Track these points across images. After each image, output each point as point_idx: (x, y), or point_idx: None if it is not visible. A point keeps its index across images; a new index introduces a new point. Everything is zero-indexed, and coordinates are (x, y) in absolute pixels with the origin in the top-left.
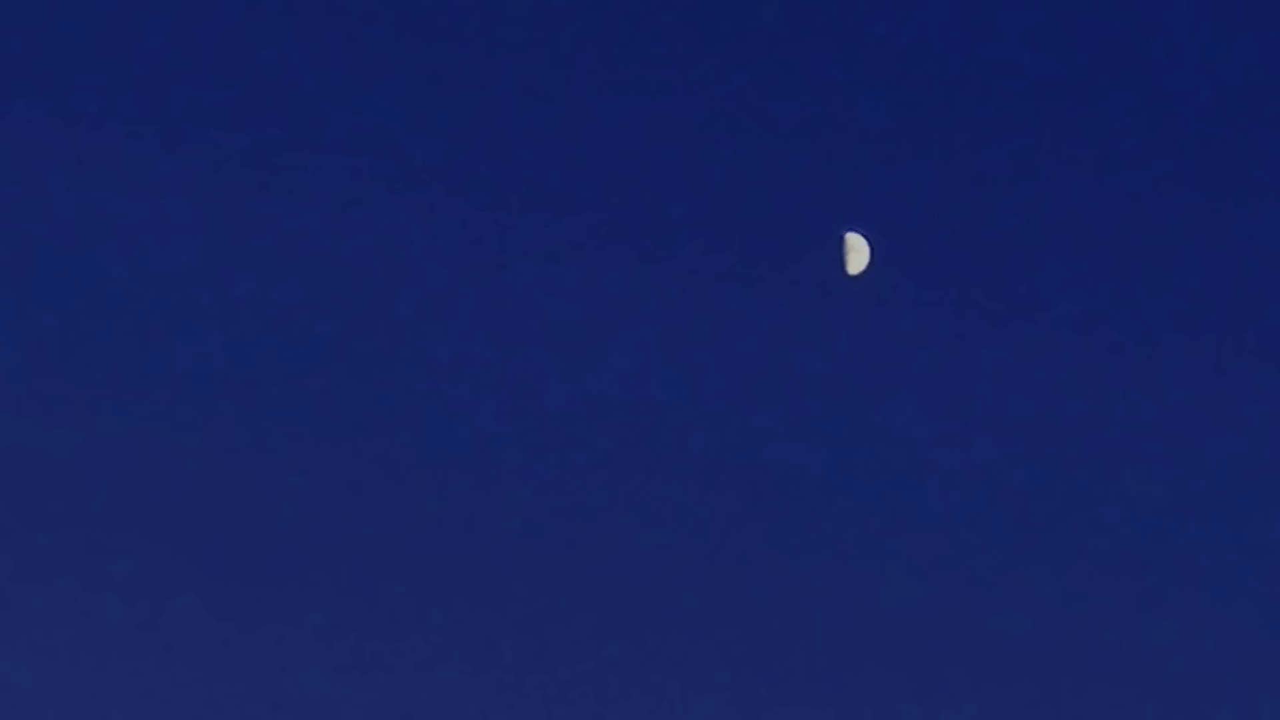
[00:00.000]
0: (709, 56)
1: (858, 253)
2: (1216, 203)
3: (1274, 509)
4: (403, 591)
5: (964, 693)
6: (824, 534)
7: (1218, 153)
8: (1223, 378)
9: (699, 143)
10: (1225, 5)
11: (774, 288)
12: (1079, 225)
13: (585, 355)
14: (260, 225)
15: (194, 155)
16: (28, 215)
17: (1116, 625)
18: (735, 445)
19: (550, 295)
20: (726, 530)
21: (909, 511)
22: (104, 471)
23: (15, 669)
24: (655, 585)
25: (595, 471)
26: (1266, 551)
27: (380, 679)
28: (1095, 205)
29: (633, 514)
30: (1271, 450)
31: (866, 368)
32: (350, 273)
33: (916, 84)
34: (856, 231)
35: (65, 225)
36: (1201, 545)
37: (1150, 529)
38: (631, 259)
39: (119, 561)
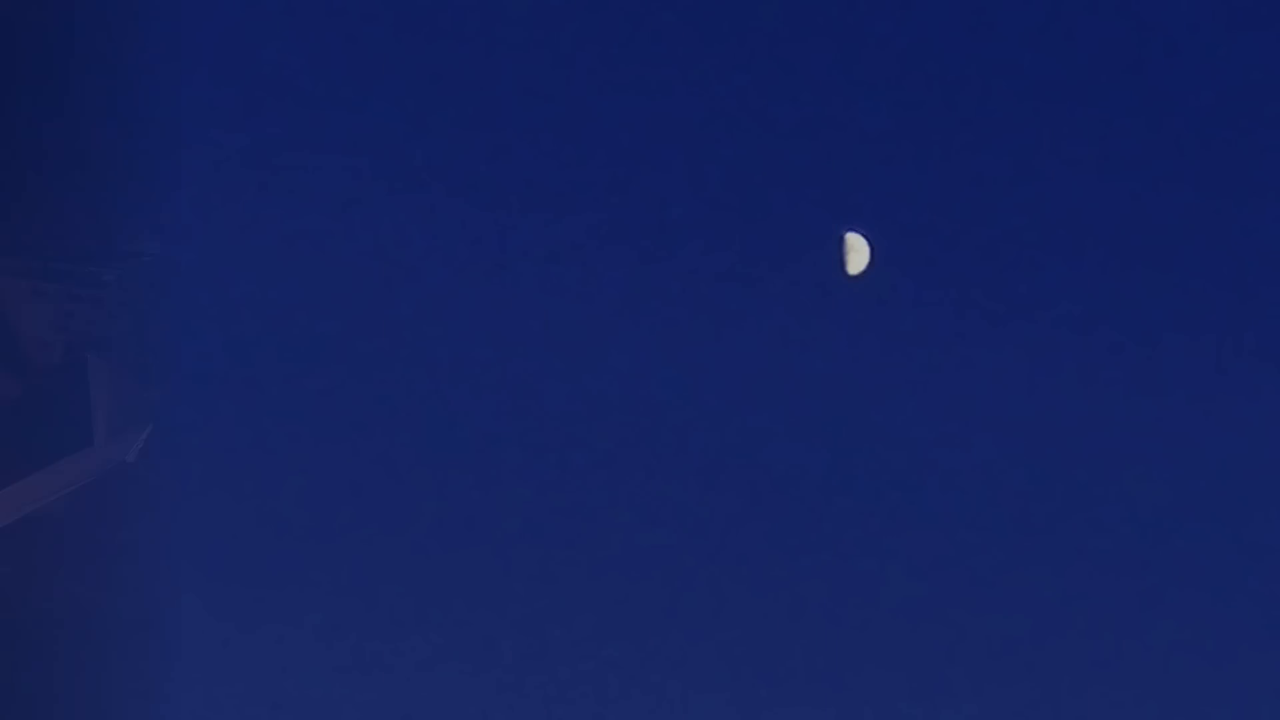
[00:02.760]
0: (709, 56)
1: (858, 253)
2: (1216, 203)
3: (1274, 509)
4: (403, 591)
5: (964, 693)
6: (824, 534)
7: (1218, 153)
8: (1223, 378)
9: (699, 143)
10: (1225, 5)
11: (774, 288)
12: (1079, 225)
13: (585, 355)
14: (260, 225)
15: (194, 155)
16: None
17: (1116, 625)
18: (735, 445)
19: (550, 295)
20: (726, 530)
21: (909, 511)
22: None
23: (16, 669)
24: (655, 585)
25: (595, 471)
26: (1266, 551)
27: (380, 679)
28: (1095, 205)
29: (633, 514)
30: (1271, 450)
31: (866, 368)
32: (350, 273)
33: (916, 84)
34: (856, 231)
35: None
36: (1201, 545)
37: (1150, 529)
38: (631, 259)
39: (119, 560)
